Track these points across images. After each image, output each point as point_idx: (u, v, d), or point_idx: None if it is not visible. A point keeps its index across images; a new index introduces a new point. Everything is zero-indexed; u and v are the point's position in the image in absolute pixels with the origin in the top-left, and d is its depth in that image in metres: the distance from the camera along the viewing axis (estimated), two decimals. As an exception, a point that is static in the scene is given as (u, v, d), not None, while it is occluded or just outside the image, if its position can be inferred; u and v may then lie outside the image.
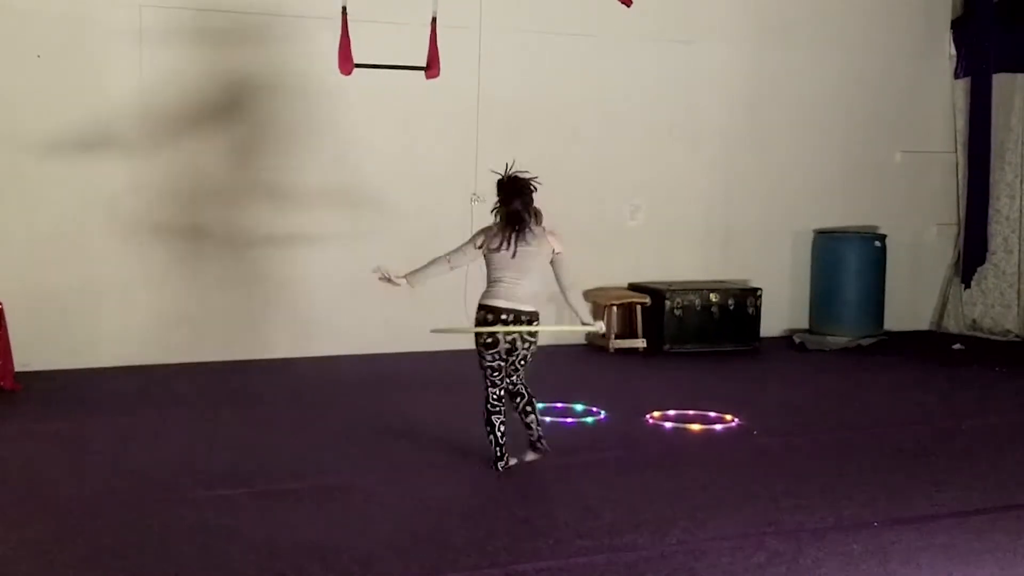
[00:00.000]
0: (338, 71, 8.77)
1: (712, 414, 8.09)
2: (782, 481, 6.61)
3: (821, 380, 9.79)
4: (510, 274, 6.54)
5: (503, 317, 6.51)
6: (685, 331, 10.67)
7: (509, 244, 6.52)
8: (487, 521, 5.85)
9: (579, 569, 5.15)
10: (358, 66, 8.79)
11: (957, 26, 12.07)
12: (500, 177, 6.62)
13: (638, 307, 10.68)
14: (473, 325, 6.59)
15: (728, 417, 8.03)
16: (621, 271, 10.91)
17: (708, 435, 7.74)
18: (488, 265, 6.64)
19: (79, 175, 9.18)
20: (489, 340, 6.55)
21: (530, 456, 6.70)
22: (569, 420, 7.90)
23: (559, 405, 7.92)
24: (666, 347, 10.61)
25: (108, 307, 9.31)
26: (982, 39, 11.82)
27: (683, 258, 11.20)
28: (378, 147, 10.02)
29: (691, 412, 8.13)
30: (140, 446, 7.10)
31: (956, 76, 12.10)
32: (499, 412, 6.61)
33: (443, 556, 5.28)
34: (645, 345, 10.64)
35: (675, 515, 5.94)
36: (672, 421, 7.95)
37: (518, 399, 6.69)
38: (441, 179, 10.11)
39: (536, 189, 6.58)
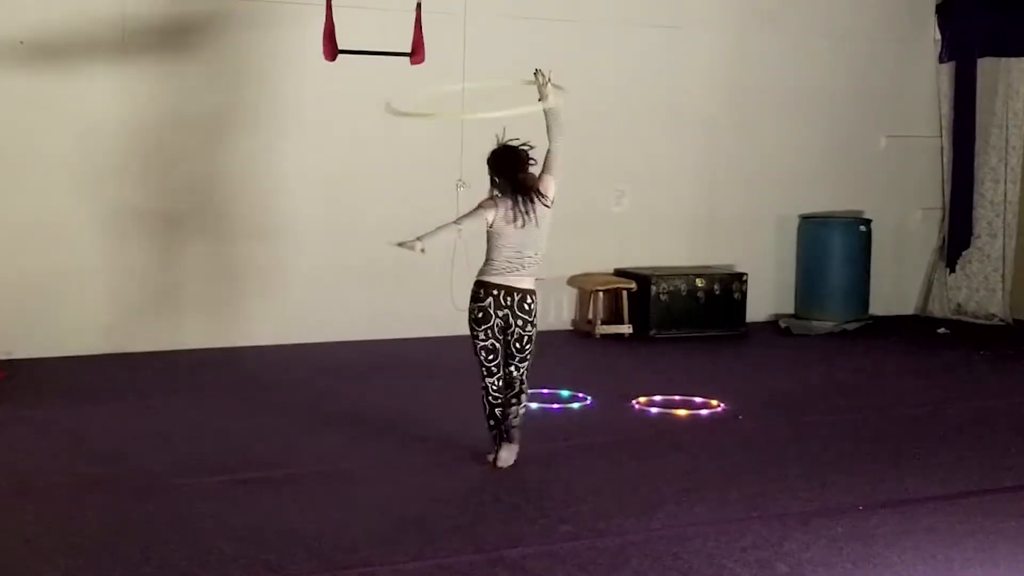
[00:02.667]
0: (322, 57, 8.75)
1: (698, 399, 8.11)
2: (767, 466, 6.63)
3: (806, 365, 9.81)
4: (513, 248, 6.32)
5: (494, 292, 6.30)
6: (671, 316, 10.68)
7: (518, 217, 6.25)
8: (472, 507, 5.85)
9: (564, 554, 5.16)
10: (342, 52, 8.76)
11: (942, 10, 12.06)
12: (494, 148, 6.39)
13: (624, 293, 10.69)
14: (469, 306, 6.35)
15: (714, 402, 8.04)
16: (606, 257, 10.91)
17: (694, 420, 7.75)
18: (491, 240, 6.35)
19: (61, 161, 9.13)
20: (480, 315, 6.33)
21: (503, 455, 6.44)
22: (555, 406, 7.90)
23: (545, 391, 7.92)
24: (652, 332, 10.62)
25: (92, 295, 9.27)
26: (967, 23, 11.83)
27: (669, 243, 11.21)
28: (362, 133, 9.99)
29: (677, 397, 8.14)
30: (124, 434, 7.09)
31: (941, 60, 12.10)
32: (498, 404, 6.42)
33: (428, 542, 5.28)
34: (631, 331, 10.65)
35: (661, 500, 5.95)
36: (658, 406, 7.96)
37: (509, 391, 6.43)
38: (426, 165, 10.08)
39: (532, 160, 6.38)
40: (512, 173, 6.35)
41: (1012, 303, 11.85)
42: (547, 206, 6.38)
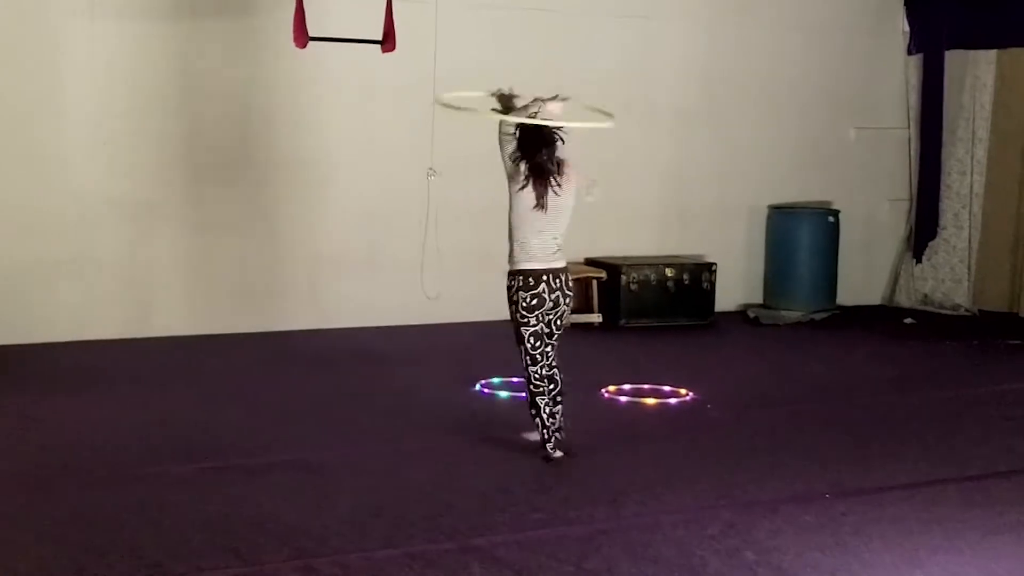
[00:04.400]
0: (293, 44, 8.72)
1: (667, 388, 8.15)
2: (736, 454, 6.67)
3: (775, 354, 9.88)
4: (546, 231, 6.36)
5: (544, 279, 6.29)
6: (641, 306, 10.72)
7: (539, 201, 6.29)
8: (444, 496, 5.85)
9: (535, 543, 5.18)
10: (313, 39, 8.73)
11: (910, 3, 12.14)
12: (523, 124, 6.28)
13: (594, 282, 10.72)
14: (509, 296, 6.32)
15: (683, 391, 8.08)
16: (577, 246, 10.85)
17: (663, 409, 7.79)
18: (517, 218, 6.33)
19: (30, 150, 9.06)
20: (534, 301, 6.28)
21: (557, 452, 6.44)
22: (525, 395, 7.89)
23: (515, 380, 7.92)
24: (622, 322, 10.66)
25: (63, 282, 9.19)
26: (935, 16, 11.91)
27: (639, 233, 11.24)
28: (333, 121, 9.95)
29: (646, 386, 8.18)
30: (95, 422, 7.05)
31: (909, 52, 12.18)
32: (543, 392, 6.42)
33: (399, 531, 5.29)
34: (601, 320, 10.68)
35: (630, 488, 5.98)
36: (627, 395, 8.00)
37: (552, 385, 6.46)
38: (397, 154, 10.07)
39: (561, 140, 6.37)
40: (532, 155, 6.32)
41: (977, 293, 11.96)
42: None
